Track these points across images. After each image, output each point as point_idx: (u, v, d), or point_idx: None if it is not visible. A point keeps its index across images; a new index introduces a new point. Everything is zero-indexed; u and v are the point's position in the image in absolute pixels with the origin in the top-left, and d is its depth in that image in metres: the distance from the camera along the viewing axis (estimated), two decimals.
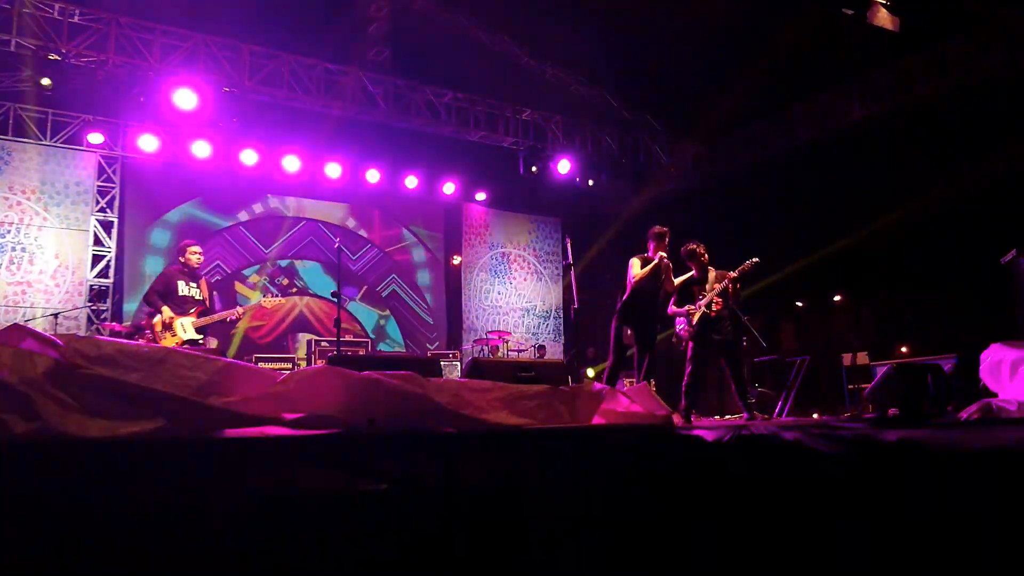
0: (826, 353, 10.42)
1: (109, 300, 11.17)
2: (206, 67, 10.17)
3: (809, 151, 12.08)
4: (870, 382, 7.05)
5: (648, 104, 13.32)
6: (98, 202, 11.23)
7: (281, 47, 10.70)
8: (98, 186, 11.25)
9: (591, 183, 13.80)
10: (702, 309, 6.73)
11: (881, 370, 6.23)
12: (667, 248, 7.02)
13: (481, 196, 14.40)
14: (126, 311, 11.29)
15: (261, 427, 2.77)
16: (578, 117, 13.13)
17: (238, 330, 12.03)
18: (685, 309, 6.85)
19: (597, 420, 3.79)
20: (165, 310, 6.81)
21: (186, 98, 9.98)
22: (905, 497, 2.56)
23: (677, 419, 5.22)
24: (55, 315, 9.93)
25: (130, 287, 11.48)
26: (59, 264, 10.77)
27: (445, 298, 14.39)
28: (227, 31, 10.37)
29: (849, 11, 8.81)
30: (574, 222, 14.90)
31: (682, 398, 6.73)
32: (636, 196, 14.57)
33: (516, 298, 14.70)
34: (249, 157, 11.79)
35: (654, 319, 7.05)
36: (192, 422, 2.64)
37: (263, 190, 12.73)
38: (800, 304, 13.69)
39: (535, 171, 12.72)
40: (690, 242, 7.08)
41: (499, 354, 12.16)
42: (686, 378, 6.78)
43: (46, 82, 9.44)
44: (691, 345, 6.82)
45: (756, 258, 6.74)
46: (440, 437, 2.98)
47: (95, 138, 11.10)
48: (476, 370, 4.53)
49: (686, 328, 6.83)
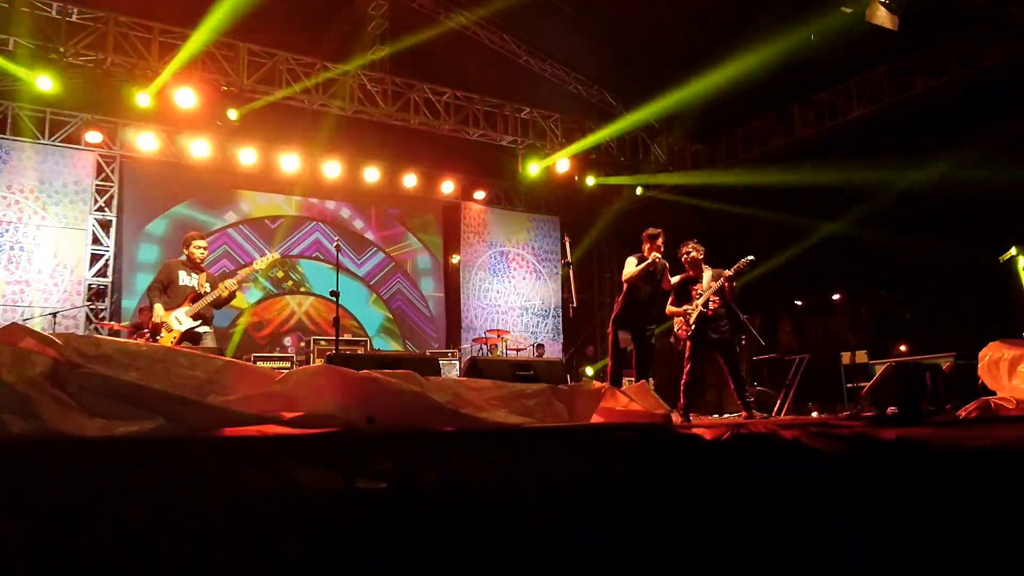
0: (825, 351, 10.42)
1: (107, 299, 11.17)
2: (204, 66, 10.16)
3: (808, 149, 12.08)
4: (869, 380, 7.05)
5: (647, 102, 13.29)
6: (96, 201, 11.22)
7: (279, 45, 10.69)
8: (96, 185, 11.25)
9: (590, 182, 13.80)
10: (699, 308, 6.73)
11: (880, 368, 6.23)
12: (661, 248, 7.00)
13: (480, 195, 14.40)
14: (124, 310, 11.29)
15: (260, 426, 2.77)
16: (577, 115, 13.12)
17: (238, 328, 12.03)
18: (683, 309, 6.85)
19: (596, 419, 3.78)
20: (157, 308, 6.73)
21: (184, 97, 9.97)
22: (904, 496, 2.56)
23: (676, 418, 5.22)
24: (53, 314, 9.92)
25: (128, 286, 11.48)
26: (57, 263, 10.76)
27: (444, 297, 14.39)
28: (225, 29, 10.35)
29: (848, 9, 8.80)
30: (573, 221, 14.91)
31: (681, 397, 6.73)
32: (635, 195, 14.57)
33: (515, 297, 14.70)
34: (248, 156, 11.78)
35: (649, 322, 7.02)
36: (191, 421, 2.64)
37: (262, 189, 12.72)
38: (799, 302, 13.68)
39: (533, 170, 12.72)
40: (687, 242, 7.08)
41: (498, 353, 12.16)
42: (685, 377, 6.78)
43: (44, 81, 9.43)
44: (689, 344, 6.82)
45: (751, 256, 6.75)
46: (439, 436, 2.98)
47: (93, 137, 11.10)
48: (475, 369, 4.53)
49: (684, 327, 6.84)
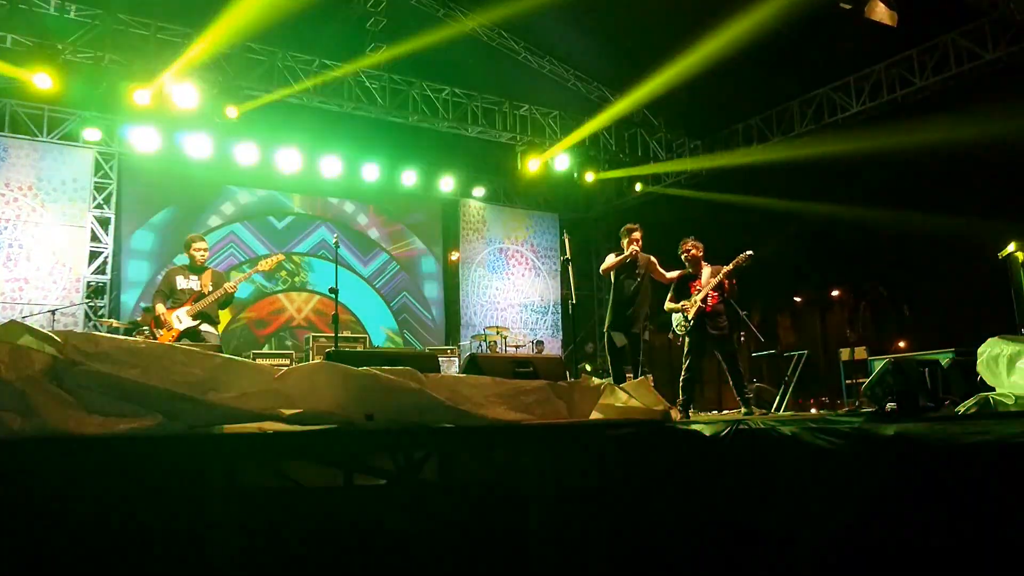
0: (824, 348, 10.44)
1: (106, 296, 11.16)
2: (203, 64, 10.13)
3: (807, 146, 12.07)
4: (868, 377, 7.05)
5: (645, 99, 13.28)
6: (95, 198, 11.21)
7: (278, 43, 10.67)
8: (95, 182, 11.23)
9: (589, 178, 13.80)
10: (698, 304, 6.73)
11: (879, 365, 6.23)
12: (638, 242, 7.03)
13: (479, 191, 14.39)
14: (123, 307, 11.29)
15: (259, 423, 2.77)
16: (576, 112, 13.11)
17: (239, 324, 12.02)
18: (681, 305, 6.85)
19: (595, 415, 3.78)
20: (159, 307, 6.81)
21: (183, 94, 9.95)
22: (902, 490, 2.56)
23: (675, 414, 5.22)
24: (52, 312, 9.91)
25: (127, 283, 11.48)
26: (56, 261, 10.75)
27: (443, 294, 14.39)
28: (224, 27, 10.33)
29: (847, 5, 8.79)
30: (572, 217, 14.91)
31: (680, 393, 6.73)
32: (634, 191, 14.57)
33: (514, 294, 14.70)
34: (247, 153, 11.77)
35: (639, 319, 7.00)
36: (190, 418, 2.63)
37: (261, 186, 12.71)
38: (798, 299, 13.69)
39: (532, 167, 12.72)
40: (686, 238, 7.08)
41: (497, 350, 12.16)
42: (684, 373, 6.78)
43: (42, 78, 9.41)
44: (688, 340, 6.82)
45: (750, 251, 6.74)
46: (438, 432, 2.98)
47: (92, 134, 11.08)
48: (474, 366, 4.52)
49: (683, 323, 6.84)
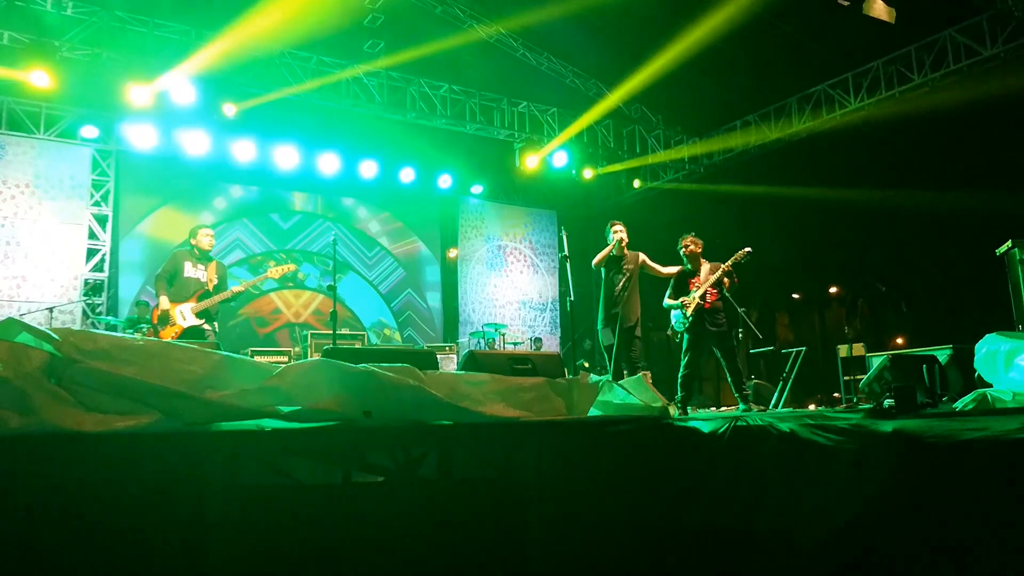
0: (822, 344, 10.44)
1: (104, 294, 11.15)
2: (200, 61, 10.11)
3: (805, 143, 12.08)
4: (866, 373, 7.06)
5: (643, 95, 13.28)
6: (92, 196, 11.19)
7: (276, 39, 10.65)
8: (92, 180, 11.21)
9: (587, 175, 13.79)
10: (696, 301, 6.73)
11: (877, 361, 6.24)
12: (621, 232, 7.05)
13: (477, 189, 14.39)
14: (121, 305, 11.27)
15: (257, 420, 2.77)
16: (574, 109, 13.10)
17: (239, 320, 12.01)
18: (680, 301, 6.86)
19: (594, 412, 3.79)
20: (163, 300, 6.67)
21: (180, 91, 9.93)
22: (900, 486, 2.57)
23: (673, 410, 5.22)
24: (50, 309, 9.89)
25: (125, 280, 11.46)
26: (54, 258, 10.74)
27: (441, 291, 14.39)
28: (221, 25, 10.31)
29: (846, 2, 8.79)
30: (570, 214, 14.90)
31: (678, 389, 6.74)
32: (632, 188, 14.57)
33: (512, 291, 14.70)
34: (244, 151, 11.75)
35: (632, 315, 7.00)
36: (188, 416, 2.63)
37: (259, 183, 12.69)
38: (796, 296, 13.70)
39: (530, 164, 12.70)
40: (685, 235, 7.09)
41: (495, 347, 12.16)
42: (682, 369, 6.80)
43: (39, 75, 9.39)
44: (686, 337, 6.83)
45: (748, 248, 6.75)
46: (436, 429, 2.98)
47: (89, 132, 11.05)
48: (472, 363, 4.53)
49: (681, 320, 6.85)
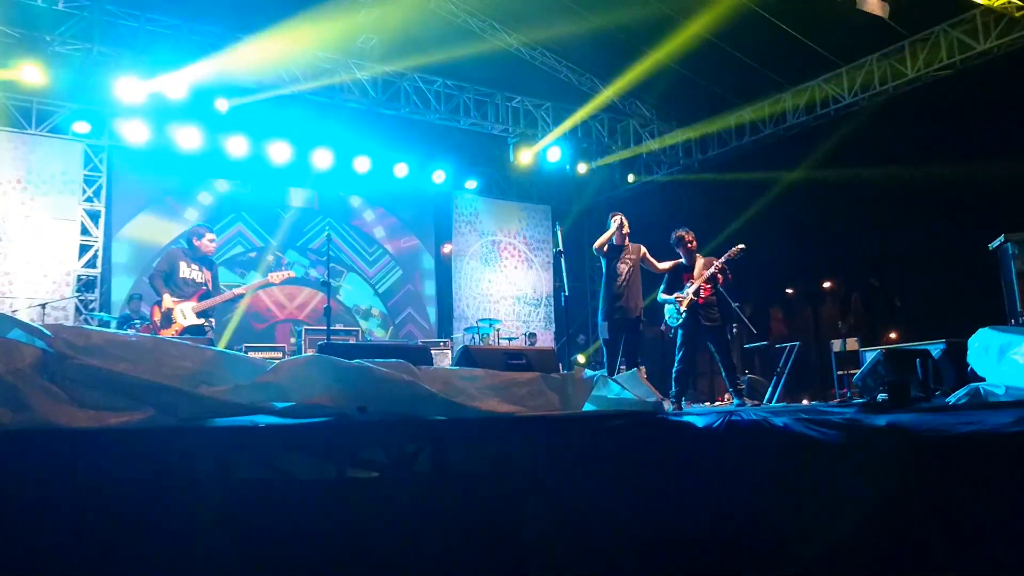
0: (816, 339, 10.47)
1: (97, 290, 11.10)
2: (193, 54, 10.08)
3: (799, 137, 12.11)
4: (859, 368, 7.09)
5: (638, 90, 13.29)
6: (85, 191, 11.14)
7: (269, 34, 10.61)
8: (85, 175, 11.16)
9: (581, 170, 13.79)
10: (691, 296, 6.74)
11: (870, 356, 6.26)
12: (620, 219, 7.01)
13: (471, 184, 14.37)
14: (114, 301, 11.24)
15: (251, 416, 2.77)
16: (568, 104, 13.09)
17: (235, 315, 11.99)
18: (674, 296, 6.86)
19: (588, 407, 3.79)
20: (166, 298, 6.67)
21: (173, 86, 9.89)
22: (893, 481, 2.58)
23: (668, 405, 5.23)
24: (42, 305, 9.84)
25: (117, 277, 11.42)
26: (46, 254, 10.68)
27: (436, 286, 14.38)
28: (213, 18, 10.28)
29: None
30: (564, 209, 14.91)
31: (672, 384, 6.75)
32: (626, 182, 14.58)
33: (507, 286, 14.70)
34: (238, 145, 11.72)
35: (636, 307, 6.95)
36: (182, 412, 2.62)
37: (252, 178, 12.64)
38: (790, 291, 13.74)
39: (524, 159, 12.70)
40: (678, 229, 7.09)
41: (490, 342, 12.16)
42: (676, 364, 6.80)
43: (31, 71, 9.34)
44: (681, 332, 6.83)
45: (743, 244, 6.76)
46: (431, 425, 2.98)
47: (81, 127, 11.00)
48: (467, 358, 4.53)
49: (675, 315, 6.85)
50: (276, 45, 10.69)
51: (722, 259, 6.76)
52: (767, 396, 8.22)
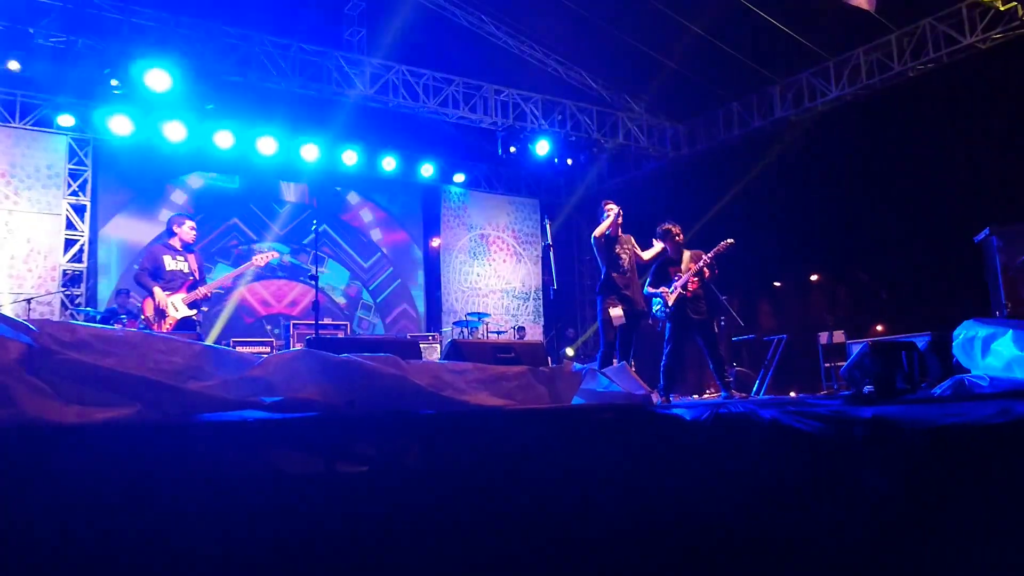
0: (803, 332, 10.52)
1: (83, 285, 11.03)
2: (178, 47, 10.00)
3: (787, 131, 12.14)
4: (846, 360, 7.13)
5: (626, 84, 13.29)
6: (70, 185, 11.06)
7: (255, 27, 10.54)
8: (70, 169, 11.08)
9: (570, 163, 13.78)
10: (678, 290, 6.76)
11: (857, 348, 6.30)
12: (611, 204, 7.04)
13: (459, 178, 14.35)
14: (101, 296, 11.17)
15: (239, 411, 2.76)
16: (556, 97, 13.07)
17: (227, 309, 11.95)
18: (661, 290, 6.88)
19: (577, 401, 3.80)
20: (157, 291, 6.65)
21: (158, 79, 9.82)
22: (879, 472, 2.60)
23: (656, 398, 5.25)
24: (28, 300, 9.78)
25: (104, 271, 11.35)
26: (31, 249, 10.61)
27: (424, 280, 14.36)
28: (200, 11, 10.20)
29: None
30: (553, 202, 14.91)
31: (660, 378, 6.77)
32: (615, 176, 14.59)
33: (495, 279, 14.70)
34: (225, 139, 11.65)
35: (639, 295, 6.92)
36: (169, 407, 2.61)
37: (240, 172, 12.58)
38: (777, 283, 13.79)
39: (513, 151, 12.67)
40: (665, 222, 7.11)
41: (478, 336, 12.16)
42: (664, 358, 6.83)
43: (14, 63, 9.24)
44: (668, 325, 6.86)
45: (731, 239, 6.79)
46: (420, 419, 2.98)
47: (66, 120, 10.92)
48: (456, 352, 4.53)
49: (663, 308, 6.88)
50: (263, 38, 10.62)
51: (710, 254, 6.78)
52: (755, 389, 8.27)
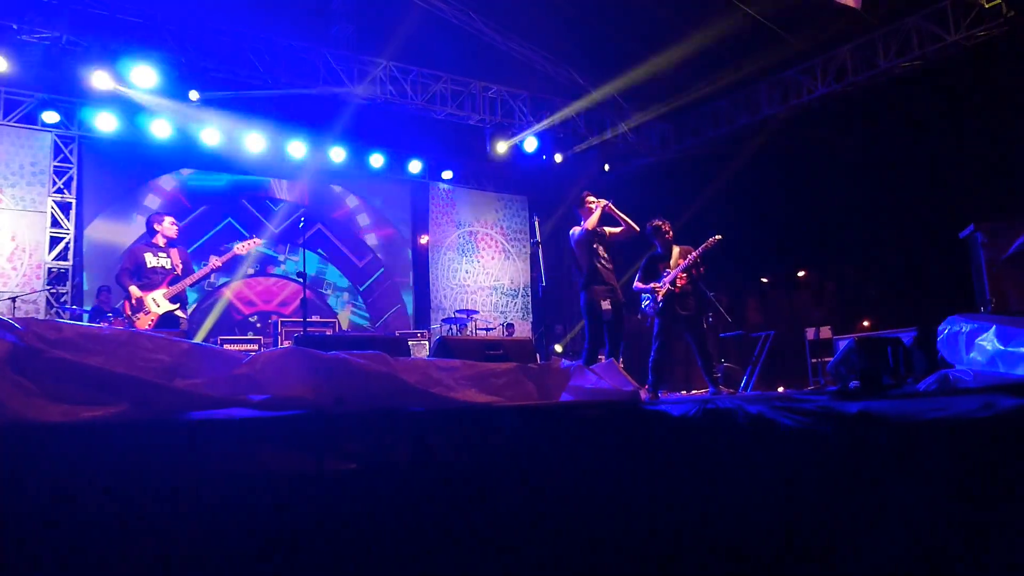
0: (790, 328, 10.58)
1: (68, 283, 10.95)
2: (164, 44, 9.93)
3: (774, 127, 12.19)
4: (833, 355, 7.18)
5: (614, 81, 13.29)
6: (55, 183, 10.97)
7: (242, 23, 10.48)
8: (55, 166, 10.98)
9: (558, 160, 13.79)
10: (667, 286, 6.79)
11: (843, 344, 6.34)
12: (603, 202, 7.07)
13: (447, 174, 14.33)
14: (86, 294, 11.09)
15: (227, 409, 2.75)
16: (545, 94, 13.06)
17: (217, 305, 11.91)
18: (650, 286, 6.90)
19: (565, 397, 3.81)
20: (133, 290, 6.62)
21: (144, 76, 9.75)
22: (865, 466, 2.62)
23: (644, 394, 5.27)
24: (13, 299, 9.71)
25: (90, 269, 11.28)
26: (16, 247, 10.53)
27: (413, 277, 14.34)
28: (186, 7, 10.13)
29: None
30: (541, 200, 14.91)
31: (649, 374, 6.80)
32: (602, 173, 14.59)
33: (484, 277, 14.70)
34: (211, 136, 11.59)
35: (620, 292, 6.94)
36: (156, 405, 2.61)
37: (226, 170, 12.52)
38: (765, 280, 13.85)
39: (501, 149, 12.67)
40: (655, 219, 7.14)
41: (467, 333, 12.16)
42: (652, 354, 6.85)
43: None
44: (657, 321, 6.88)
45: (719, 235, 6.82)
46: (409, 416, 2.98)
47: (50, 117, 10.83)
48: (444, 349, 4.53)
49: (652, 304, 6.90)
50: (249, 34, 10.56)
51: (698, 250, 6.81)
52: (743, 384, 8.31)
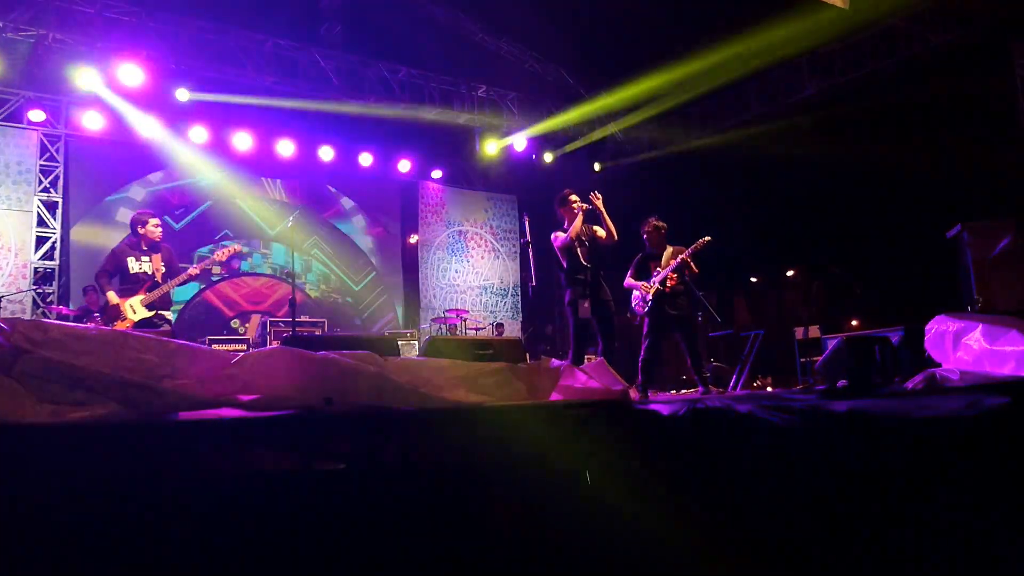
0: (779, 327, 10.62)
1: (55, 283, 10.88)
2: (151, 42, 9.88)
3: (762, 126, 12.22)
4: (821, 355, 7.20)
5: (603, 81, 13.31)
6: (41, 182, 10.89)
7: (230, 22, 10.44)
8: (41, 165, 10.90)
9: (548, 159, 13.80)
10: (657, 285, 6.80)
11: (832, 343, 6.36)
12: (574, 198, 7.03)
13: (437, 174, 14.31)
14: (73, 294, 11.02)
15: (216, 409, 2.74)
16: (534, 94, 13.06)
17: (198, 309, 11.85)
18: (641, 285, 6.92)
19: (555, 396, 3.81)
20: (110, 295, 6.50)
21: (131, 74, 9.70)
22: (852, 464, 2.63)
23: (634, 394, 5.27)
24: None
25: (76, 269, 11.20)
26: (1, 246, 10.45)
27: (402, 277, 14.31)
28: (173, 5, 10.08)
29: None
30: (530, 199, 14.89)
31: (639, 373, 6.81)
32: (592, 172, 14.61)
33: (473, 276, 14.68)
34: (199, 135, 11.54)
35: (604, 290, 6.86)
36: (144, 405, 2.59)
37: (214, 169, 12.45)
38: (754, 279, 13.91)
39: (491, 149, 12.67)
40: (649, 217, 7.15)
41: (457, 332, 12.15)
42: (642, 353, 6.86)
43: None
44: (647, 320, 6.89)
45: (709, 236, 6.84)
46: (398, 416, 2.98)
47: (36, 115, 10.75)
48: (434, 348, 4.52)
49: (641, 304, 6.91)
50: (237, 33, 10.52)
51: (689, 251, 6.83)
52: (732, 383, 8.34)
